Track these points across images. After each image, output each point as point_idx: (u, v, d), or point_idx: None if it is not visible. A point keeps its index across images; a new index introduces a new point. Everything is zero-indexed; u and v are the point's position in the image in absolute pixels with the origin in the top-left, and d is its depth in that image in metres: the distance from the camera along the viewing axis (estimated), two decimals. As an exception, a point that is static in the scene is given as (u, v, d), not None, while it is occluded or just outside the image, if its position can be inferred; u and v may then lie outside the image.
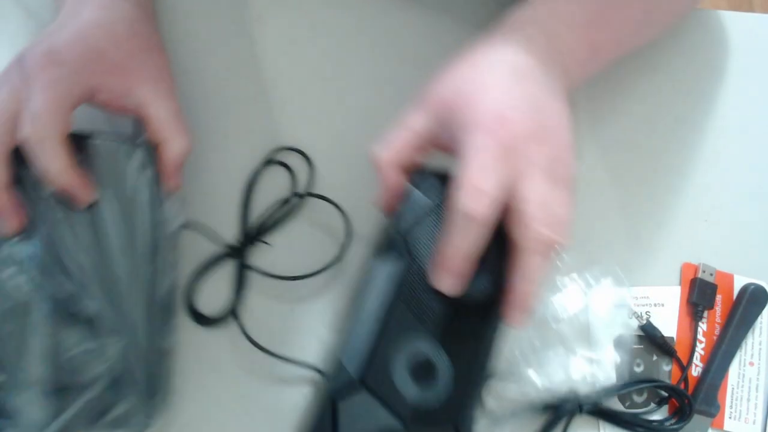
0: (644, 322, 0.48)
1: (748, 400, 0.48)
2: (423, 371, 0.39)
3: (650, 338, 0.48)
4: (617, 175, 0.51)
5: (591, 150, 0.52)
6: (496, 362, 0.41)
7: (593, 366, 0.45)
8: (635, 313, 0.48)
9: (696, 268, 0.50)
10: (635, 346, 0.47)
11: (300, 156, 0.49)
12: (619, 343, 0.47)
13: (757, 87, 0.54)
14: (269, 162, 0.48)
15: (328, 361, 0.45)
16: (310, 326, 0.46)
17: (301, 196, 0.48)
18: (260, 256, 0.47)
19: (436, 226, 0.41)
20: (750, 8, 1.50)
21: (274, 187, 0.48)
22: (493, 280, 0.40)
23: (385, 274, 0.41)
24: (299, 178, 0.48)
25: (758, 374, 0.48)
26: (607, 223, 0.50)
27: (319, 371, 0.44)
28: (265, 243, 0.47)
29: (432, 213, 0.41)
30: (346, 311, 0.46)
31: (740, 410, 0.48)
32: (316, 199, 0.48)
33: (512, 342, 0.45)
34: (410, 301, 0.40)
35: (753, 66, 0.55)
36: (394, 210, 0.42)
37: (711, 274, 0.49)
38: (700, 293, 0.49)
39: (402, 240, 0.41)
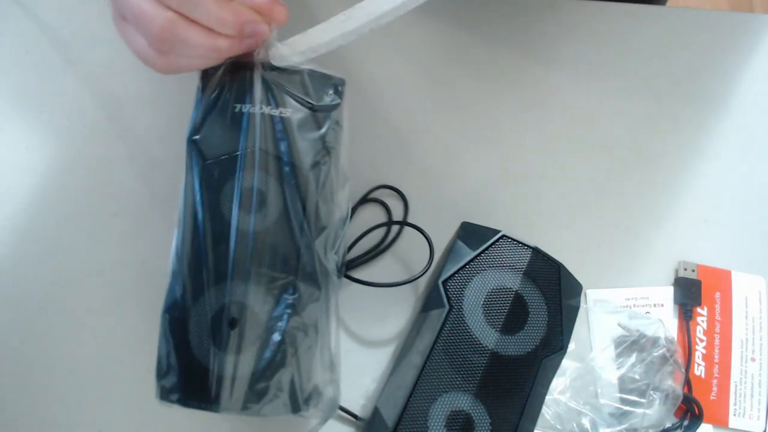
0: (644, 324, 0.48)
1: (752, 396, 0.48)
2: (459, 424, 0.38)
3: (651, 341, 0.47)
4: (617, 174, 0.51)
5: (591, 150, 0.52)
6: (533, 421, 0.41)
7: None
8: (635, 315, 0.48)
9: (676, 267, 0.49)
10: (636, 352, 0.47)
11: (394, 193, 0.49)
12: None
13: (757, 87, 0.54)
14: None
15: (367, 408, 0.44)
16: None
17: (400, 224, 0.48)
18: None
19: (476, 275, 0.41)
20: (750, 8, 1.49)
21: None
22: (535, 337, 0.41)
23: (426, 323, 0.41)
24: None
25: (760, 370, 0.48)
26: (607, 223, 0.50)
27: (355, 417, 0.43)
28: (354, 279, 0.46)
29: (471, 263, 0.42)
30: (390, 361, 0.46)
31: (744, 407, 0.48)
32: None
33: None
34: (450, 351, 0.40)
35: (753, 66, 0.55)
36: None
37: (693, 270, 0.49)
38: (684, 292, 0.49)
39: (443, 289, 0.42)
